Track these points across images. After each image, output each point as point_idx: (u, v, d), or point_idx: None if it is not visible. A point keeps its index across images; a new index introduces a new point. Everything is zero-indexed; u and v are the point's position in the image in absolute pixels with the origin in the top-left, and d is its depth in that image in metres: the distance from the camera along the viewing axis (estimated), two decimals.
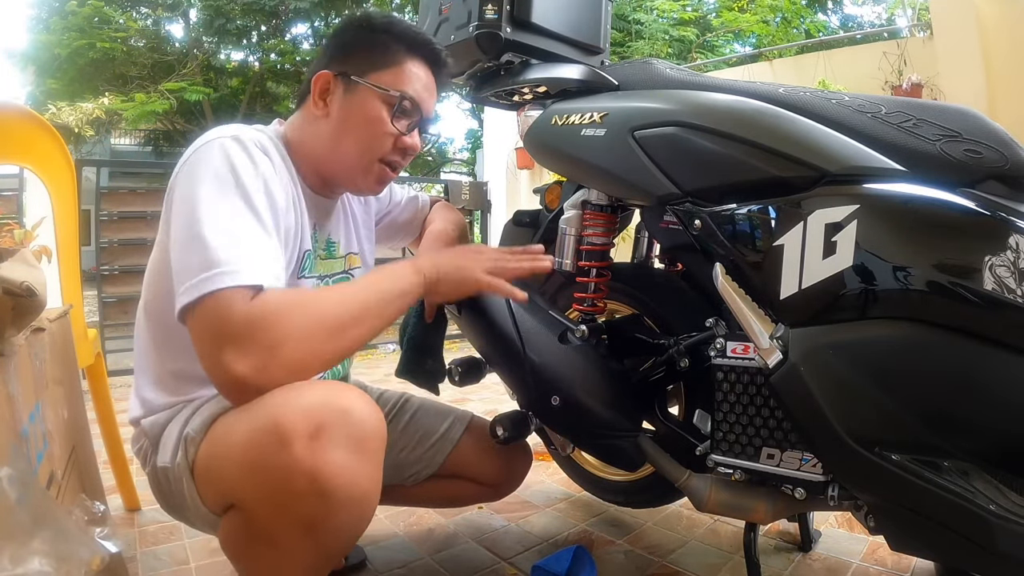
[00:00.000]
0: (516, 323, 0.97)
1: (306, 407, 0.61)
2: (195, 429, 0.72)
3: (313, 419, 0.60)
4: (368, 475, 0.63)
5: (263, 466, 0.61)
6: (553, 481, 1.52)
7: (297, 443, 0.58)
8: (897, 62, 4.05)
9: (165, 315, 0.80)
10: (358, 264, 1.03)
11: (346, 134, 0.85)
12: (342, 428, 0.61)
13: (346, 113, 0.84)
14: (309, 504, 0.59)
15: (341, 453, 0.60)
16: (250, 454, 0.62)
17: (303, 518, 0.61)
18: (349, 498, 0.60)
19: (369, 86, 0.84)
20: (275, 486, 0.60)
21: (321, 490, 0.59)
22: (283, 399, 0.62)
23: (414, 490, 1.07)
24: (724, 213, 0.75)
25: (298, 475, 0.58)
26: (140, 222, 3.20)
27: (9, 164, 1.58)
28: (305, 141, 0.87)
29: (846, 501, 0.74)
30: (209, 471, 0.69)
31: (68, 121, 8.94)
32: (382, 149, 0.86)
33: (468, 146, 13.58)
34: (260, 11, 11.03)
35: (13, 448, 0.55)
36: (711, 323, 0.84)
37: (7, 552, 0.44)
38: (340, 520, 0.61)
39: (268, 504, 0.62)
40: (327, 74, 0.85)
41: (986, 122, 0.67)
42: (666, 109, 0.82)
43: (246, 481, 0.63)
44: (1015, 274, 0.59)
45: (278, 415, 0.61)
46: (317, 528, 0.61)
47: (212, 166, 0.71)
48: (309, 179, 0.89)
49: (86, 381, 1.28)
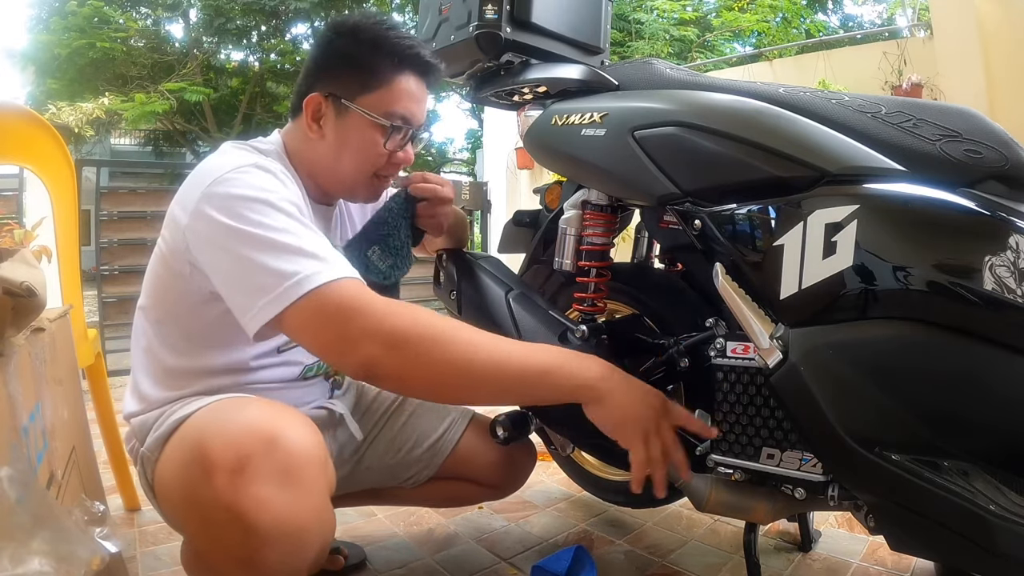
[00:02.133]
0: (516, 323, 0.97)
1: (232, 436, 0.59)
2: (150, 448, 0.72)
3: (237, 451, 0.58)
4: (303, 506, 0.60)
5: (192, 499, 0.59)
6: (553, 481, 1.52)
7: (219, 476, 0.57)
8: (897, 62, 4.05)
9: (167, 318, 0.81)
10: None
11: (342, 157, 0.87)
12: (267, 460, 0.58)
13: (341, 137, 0.86)
14: (236, 540, 0.57)
15: (267, 487, 0.57)
16: (183, 485, 0.61)
17: (235, 553, 0.58)
18: (281, 533, 0.58)
19: (361, 113, 0.84)
20: (203, 520, 0.59)
21: (246, 527, 0.56)
22: (216, 424, 0.61)
23: (413, 492, 1.07)
24: (724, 213, 0.75)
25: (220, 511, 0.56)
26: (140, 222, 3.20)
27: (9, 164, 1.58)
28: (304, 158, 0.89)
29: (846, 501, 0.74)
30: (161, 495, 0.69)
31: (68, 121, 8.94)
32: (377, 167, 0.89)
33: (468, 146, 13.58)
34: (260, 11, 11.03)
35: (13, 448, 0.55)
36: (711, 323, 0.84)
37: (7, 552, 0.44)
38: (275, 555, 0.58)
39: (203, 537, 0.60)
40: (317, 97, 0.85)
41: (986, 122, 0.67)
42: (666, 109, 0.82)
43: (181, 511, 0.62)
44: (1015, 274, 0.59)
45: (205, 443, 0.59)
46: (252, 564, 0.58)
47: (247, 197, 0.71)
48: (311, 190, 0.90)
49: (86, 381, 1.28)
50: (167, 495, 0.67)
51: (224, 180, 0.72)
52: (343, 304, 0.65)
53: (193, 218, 0.72)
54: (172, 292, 0.79)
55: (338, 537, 1.17)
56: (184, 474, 0.61)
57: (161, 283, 0.81)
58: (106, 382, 1.41)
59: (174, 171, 10.91)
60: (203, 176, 0.75)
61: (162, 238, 0.80)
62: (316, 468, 0.62)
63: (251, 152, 0.83)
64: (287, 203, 0.72)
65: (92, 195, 3.07)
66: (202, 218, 0.71)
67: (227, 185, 0.72)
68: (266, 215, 0.69)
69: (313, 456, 0.62)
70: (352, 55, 0.85)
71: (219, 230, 0.69)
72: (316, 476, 0.62)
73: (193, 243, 0.73)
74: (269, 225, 0.68)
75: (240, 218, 0.68)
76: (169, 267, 0.78)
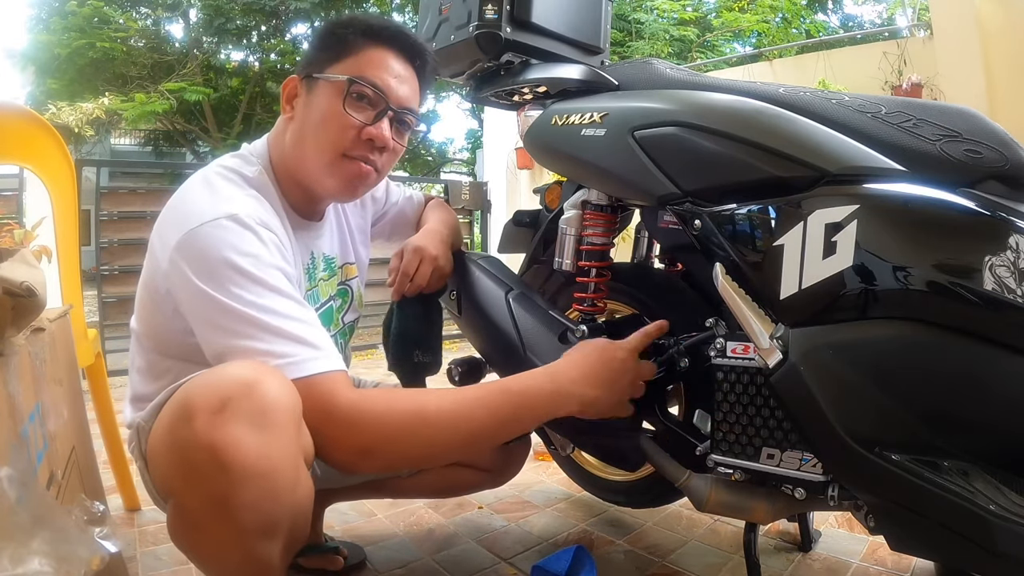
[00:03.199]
0: (516, 323, 0.97)
1: (215, 383, 0.61)
2: (144, 418, 0.72)
3: (218, 393, 0.59)
4: (275, 448, 0.60)
5: (173, 443, 0.61)
6: (553, 481, 1.52)
7: (199, 418, 0.58)
8: (897, 62, 4.05)
9: (159, 347, 0.81)
10: (354, 274, 1.03)
11: (307, 133, 0.82)
12: (244, 401, 0.59)
13: (307, 111, 0.82)
14: (212, 479, 0.58)
15: (242, 427, 0.58)
16: (166, 433, 0.62)
17: (212, 494, 0.59)
18: (254, 471, 0.58)
19: (324, 78, 0.81)
20: (183, 462, 0.60)
21: (220, 463, 0.57)
22: (202, 378, 0.62)
23: (410, 481, 1.07)
24: (724, 213, 0.75)
25: (198, 449, 0.58)
26: (140, 222, 3.20)
27: (9, 164, 1.58)
28: (279, 151, 0.86)
29: (846, 501, 0.74)
30: (152, 459, 0.68)
31: (68, 121, 8.94)
32: (342, 142, 0.81)
33: (468, 146, 13.59)
34: (260, 11, 11.03)
35: (13, 448, 0.55)
36: (711, 323, 0.84)
37: (7, 552, 0.44)
38: (248, 496, 0.59)
39: (182, 482, 0.61)
40: (293, 79, 0.84)
41: (986, 122, 0.67)
42: (666, 109, 0.82)
43: (165, 460, 0.63)
44: (1015, 274, 0.59)
45: (190, 392, 0.61)
46: (227, 503, 0.59)
47: (227, 263, 0.68)
48: (293, 198, 0.87)
49: (86, 381, 1.28)
50: (155, 456, 0.66)
51: (201, 235, 0.70)
52: (322, 404, 0.67)
53: (171, 266, 0.71)
54: (157, 317, 0.79)
55: (338, 537, 1.18)
56: (169, 424, 0.62)
57: (146, 310, 0.81)
58: (106, 382, 1.41)
59: (174, 171, 10.91)
60: (182, 215, 0.73)
61: (146, 264, 0.80)
62: (288, 413, 0.62)
63: (235, 183, 0.80)
64: (270, 268, 0.70)
65: (92, 195, 3.08)
66: (179, 273, 0.70)
67: (204, 241, 0.69)
68: (247, 289, 0.68)
69: (287, 402, 0.63)
70: (327, 36, 0.84)
71: (199, 297, 0.68)
72: (288, 421, 0.62)
73: (173, 292, 0.72)
74: (251, 302, 0.67)
75: (221, 288, 0.67)
76: (152, 297, 0.78)
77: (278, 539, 0.64)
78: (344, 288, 0.99)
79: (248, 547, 0.62)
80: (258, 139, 0.90)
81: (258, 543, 0.63)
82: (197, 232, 0.70)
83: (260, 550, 0.63)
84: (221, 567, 0.65)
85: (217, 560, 0.64)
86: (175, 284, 0.71)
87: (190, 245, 0.70)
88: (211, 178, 0.79)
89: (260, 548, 0.63)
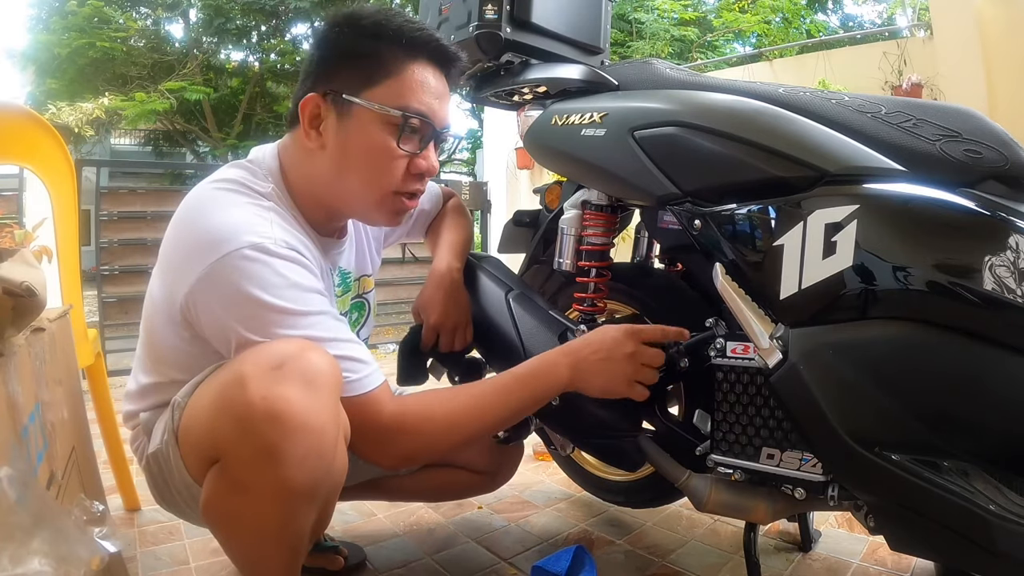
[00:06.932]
0: (516, 323, 0.97)
1: (268, 352, 0.64)
2: (182, 395, 0.73)
3: (273, 360, 0.62)
4: (322, 408, 0.63)
5: (224, 404, 0.63)
6: (553, 481, 1.52)
7: (255, 380, 0.61)
8: (897, 62, 4.05)
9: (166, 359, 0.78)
10: (371, 287, 1.02)
11: (348, 169, 0.75)
12: (296, 365, 0.62)
13: (343, 143, 0.74)
14: (265, 430, 0.60)
15: (295, 386, 0.61)
16: (217, 400, 0.64)
17: (263, 445, 0.60)
18: (304, 424, 0.61)
19: (366, 106, 0.72)
20: (234, 418, 0.61)
21: (274, 414, 0.59)
22: (252, 353, 0.64)
23: (407, 481, 1.07)
24: (724, 213, 0.75)
25: (254, 404, 0.60)
26: (140, 222, 3.20)
27: (9, 164, 1.58)
28: (303, 177, 0.78)
29: (846, 501, 0.74)
30: (188, 430, 0.69)
31: (68, 121, 8.93)
32: (393, 179, 0.76)
33: (468, 146, 13.57)
34: (260, 11, 11.01)
35: (13, 448, 0.55)
36: (711, 323, 0.84)
37: (7, 552, 0.44)
38: (298, 448, 0.61)
39: (233, 436, 0.62)
40: (315, 97, 0.73)
41: (986, 122, 0.67)
42: (666, 109, 0.82)
43: (210, 424, 0.65)
44: (1015, 274, 0.59)
45: (243, 363, 0.63)
46: (277, 456, 0.60)
47: (259, 302, 0.66)
48: (313, 217, 0.80)
49: (86, 381, 1.28)
50: (195, 427, 0.68)
51: (227, 268, 0.66)
52: (371, 418, 0.72)
53: (196, 300, 0.68)
54: (170, 340, 0.75)
55: (338, 537, 1.17)
56: (219, 389, 0.65)
57: (155, 327, 0.77)
58: (106, 382, 1.41)
59: (174, 171, 10.93)
60: (204, 242, 0.68)
61: (157, 282, 0.75)
62: (333, 378, 0.66)
63: (250, 199, 0.74)
64: (304, 292, 0.69)
65: (92, 195, 3.07)
66: (209, 313, 0.68)
67: (232, 276, 0.66)
68: (290, 326, 0.67)
69: (333, 370, 0.66)
70: (352, 47, 0.74)
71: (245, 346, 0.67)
72: (332, 386, 0.65)
73: (201, 327, 0.71)
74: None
75: (265, 332, 0.67)
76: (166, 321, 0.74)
77: (314, 506, 0.66)
78: (360, 301, 0.98)
79: (289, 508, 0.64)
80: (260, 148, 0.83)
81: (299, 505, 0.64)
82: (223, 264, 0.66)
83: (299, 514, 0.65)
84: (257, 535, 0.65)
85: (254, 528, 0.65)
86: (205, 322, 0.69)
87: (219, 280, 0.66)
88: (222, 196, 0.73)
89: (300, 512, 0.65)
